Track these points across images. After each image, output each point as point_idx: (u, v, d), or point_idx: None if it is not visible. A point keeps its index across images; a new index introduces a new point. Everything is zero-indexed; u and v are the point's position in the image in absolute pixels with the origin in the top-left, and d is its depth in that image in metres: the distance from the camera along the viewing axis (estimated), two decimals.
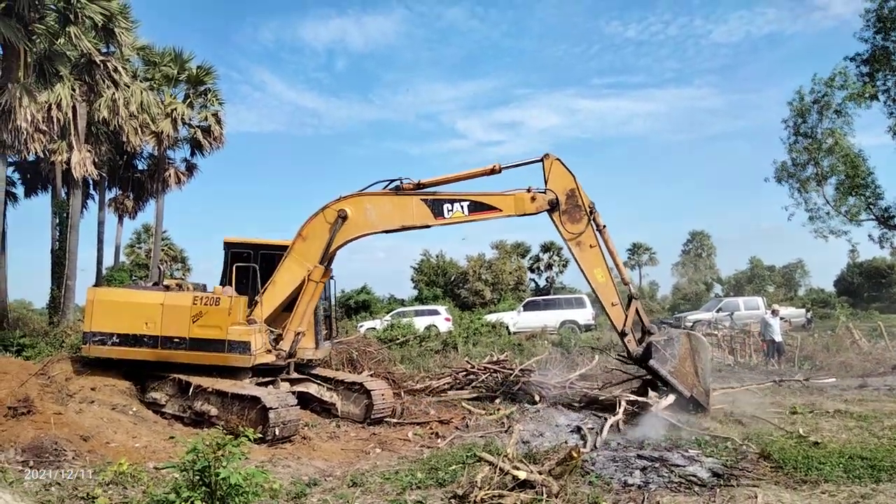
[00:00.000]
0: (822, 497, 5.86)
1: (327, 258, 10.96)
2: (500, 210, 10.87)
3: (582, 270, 10.86)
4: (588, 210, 10.79)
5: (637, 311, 10.88)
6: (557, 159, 10.91)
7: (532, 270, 51.33)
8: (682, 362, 10.30)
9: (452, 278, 48.19)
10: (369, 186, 11.16)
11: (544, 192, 10.82)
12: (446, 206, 10.83)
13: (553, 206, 10.78)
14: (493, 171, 11.00)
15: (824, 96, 30.22)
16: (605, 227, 10.93)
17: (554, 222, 10.90)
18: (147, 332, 10.25)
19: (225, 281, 11.10)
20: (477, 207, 10.84)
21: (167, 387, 10.27)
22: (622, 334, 10.78)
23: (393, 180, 11.09)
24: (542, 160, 10.97)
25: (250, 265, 11.13)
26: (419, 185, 11.00)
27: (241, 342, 10.15)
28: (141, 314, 10.31)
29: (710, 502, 5.80)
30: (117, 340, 10.30)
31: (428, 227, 11.00)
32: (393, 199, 11.00)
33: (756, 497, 5.83)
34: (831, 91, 30.00)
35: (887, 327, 22.32)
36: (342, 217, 10.83)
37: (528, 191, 10.83)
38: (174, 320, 10.22)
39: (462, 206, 10.82)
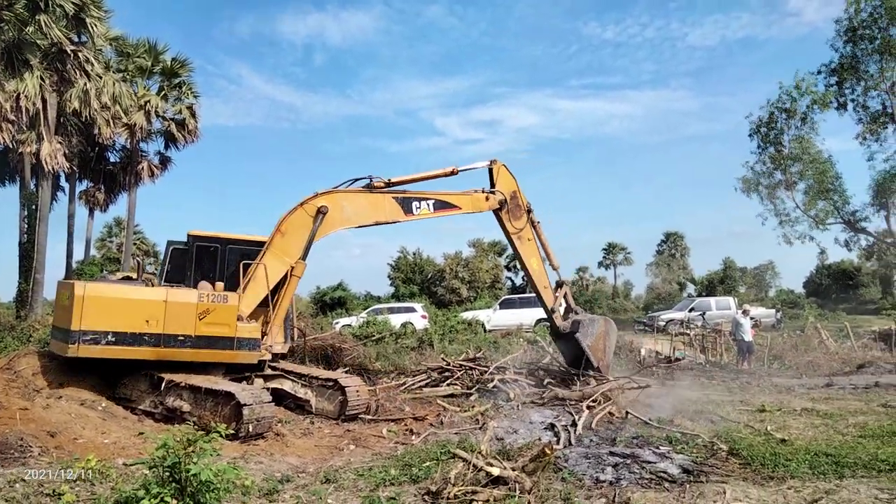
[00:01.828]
0: (787, 493, 5.98)
1: (308, 252, 11.02)
2: (460, 208, 12.30)
3: (521, 260, 13.10)
4: (527, 209, 12.86)
5: (566, 294, 13.40)
6: (503, 165, 12.70)
7: (509, 269, 51.55)
8: (597, 339, 12.63)
9: (429, 276, 48.19)
10: (342, 184, 11.69)
11: (494, 193, 12.50)
12: (414, 204, 11.90)
13: (502, 206, 12.53)
14: (452, 173, 12.23)
15: (793, 103, 30.89)
16: (539, 223, 13.10)
17: (501, 219, 12.66)
18: (148, 330, 9.77)
19: (192, 277, 10.97)
20: (441, 205, 12.14)
21: (139, 383, 10.10)
22: (551, 311, 13.08)
23: (363, 178, 11.76)
24: (490, 165, 12.65)
25: (255, 262, 10.98)
26: (388, 184, 11.79)
27: (250, 339, 10.24)
28: (141, 311, 9.78)
29: (680, 498, 5.89)
30: (112, 339, 9.61)
31: (398, 222, 11.92)
32: (367, 197, 11.64)
33: (724, 493, 5.93)
34: (798, 98, 30.70)
35: (853, 328, 22.92)
36: (322, 212, 11.01)
37: (482, 192, 12.47)
38: (179, 318, 9.91)
39: (428, 204, 12.00)
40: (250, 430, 8.61)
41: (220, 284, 10.56)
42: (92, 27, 19.05)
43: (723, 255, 65.55)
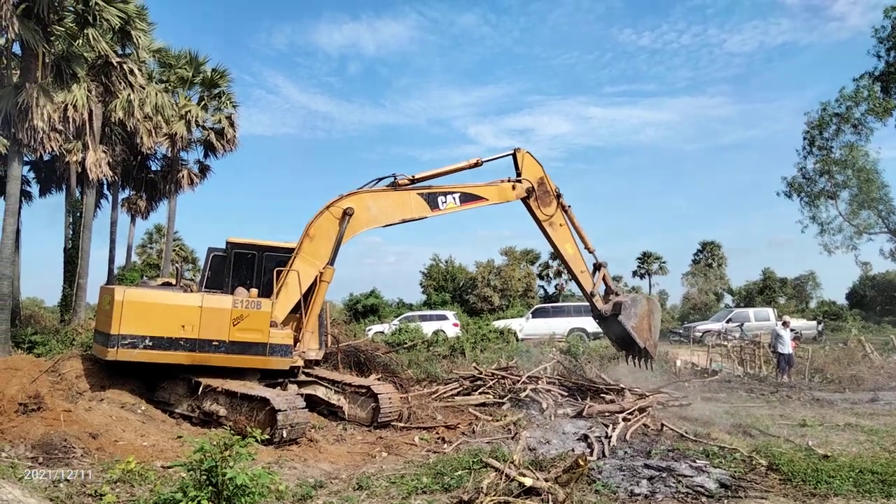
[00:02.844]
0: None
1: (336, 256, 11.12)
2: (487, 199, 12.18)
3: (555, 246, 12.86)
4: (556, 194, 12.65)
5: (604, 276, 13.06)
6: (528, 152, 12.48)
7: (541, 277, 51.32)
8: (641, 320, 12.45)
9: (461, 284, 48.20)
10: (367, 184, 11.71)
11: (521, 182, 12.31)
12: (440, 199, 11.84)
13: (529, 193, 12.37)
14: (475, 165, 12.16)
15: (848, 109, 30.13)
16: (570, 207, 12.83)
17: (530, 207, 12.52)
18: (184, 335, 9.94)
19: (230, 283, 11.15)
20: (467, 198, 12.05)
21: (176, 387, 10.32)
22: (591, 295, 12.87)
23: (387, 177, 11.74)
24: (514, 154, 12.48)
25: (286, 268, 11.12)
26: (413, 180, 11.74)
27: (282, 345, 10.35)
28: (177, 317, 9.97)
29: None
30: (150, 344, 9.81)
31: (425, 218, 11.85)
32: (392, 195, 11.66)
33: None
34: (853, 105, 29.93)
35: None
36: (349, 214, 11.11)
37: (508, 181, 12.29)
38: (213, 323, 10.08)
39: (454, 198, 11.93)
40: (284, 435, 8.72)
41: (254, 291, 10.71)
42: (136, 40, 19.58)
43: (762, 265, 64.09)
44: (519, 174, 12.57)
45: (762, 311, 30.58)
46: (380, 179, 11.77)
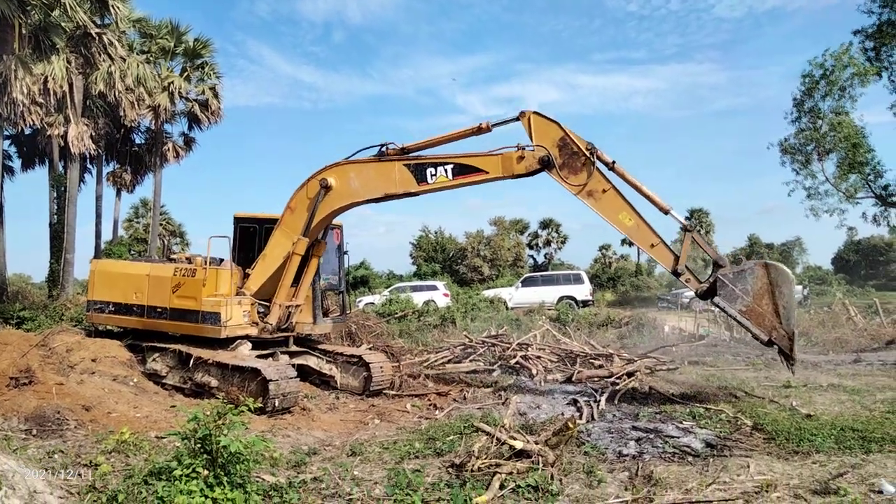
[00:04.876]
0: (812, 467, 5.96)
1: (312, 230, 10.59)
2: (487, 172, 9.82)
3: (606, 221, 9.54)
4: (587, 153, 9.43)
5: (698, 243, 9.47)
6: (535, 112, 9.75)
7: (530, 247, 51.51)
8: (757, 299, 8.72)
9: (451, 254, 48.33)
10: (356, 153, 10.50)
11: (533, 150, 9.61)
12: (429, 171, 9.95)
13: (546, 164, 9.54)
14: (480, 130, 10.07)
15: (832, 72, 29.93)
16: (614, 162, 9.46)
17: (555, 180, 9.62)
18: (136, 301, 10.84)
19: (235, 257, 11.10)
20: (462, 170, 9.88)
21: (167, 358, 10.38)
22: (676, 274, 9.45)
23: (376, 146, 10.43)
24: (518, 118, 9.85)
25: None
26: (403, 150, 10.24)
27: (212, 313, 10.12)
28: (131, 284, 10.89)
29: (704, 472, 5.90)
30: (113, 309, 11.10)
31: (412, 194, 10.16)
32: (376, 166, 10.31)
33: (748, 467, 5.93)
34: (839, 67, 29.71)
35: (883, 304, 22.49)
36: (325, 187, 10.38)
37: (518, 149, 9.65)
38: (158, 291, 10.63)
39: (446, 170, 9.90)
40: (276, 404, 8.78)
41: (199, 259, 10.73)
42: (115, 9, 19.19)
43: (748, 231, 64.64)
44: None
45: None
46: (371, 148, 10.45)
